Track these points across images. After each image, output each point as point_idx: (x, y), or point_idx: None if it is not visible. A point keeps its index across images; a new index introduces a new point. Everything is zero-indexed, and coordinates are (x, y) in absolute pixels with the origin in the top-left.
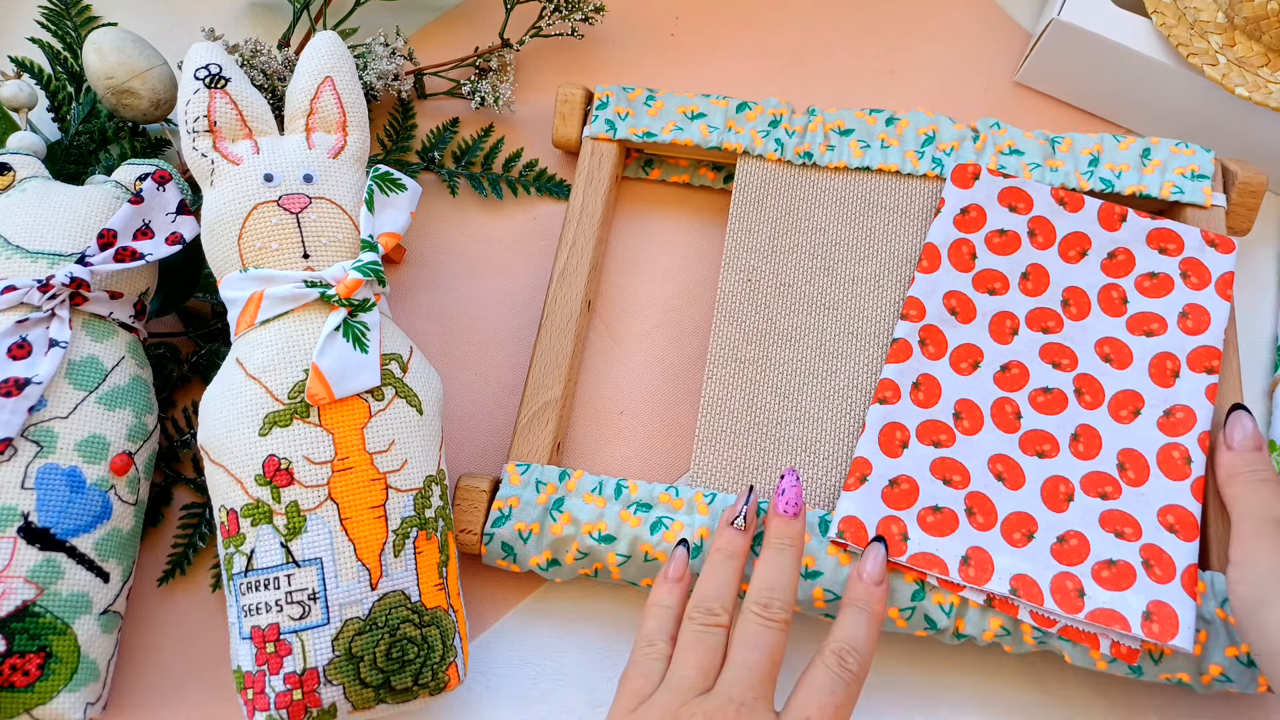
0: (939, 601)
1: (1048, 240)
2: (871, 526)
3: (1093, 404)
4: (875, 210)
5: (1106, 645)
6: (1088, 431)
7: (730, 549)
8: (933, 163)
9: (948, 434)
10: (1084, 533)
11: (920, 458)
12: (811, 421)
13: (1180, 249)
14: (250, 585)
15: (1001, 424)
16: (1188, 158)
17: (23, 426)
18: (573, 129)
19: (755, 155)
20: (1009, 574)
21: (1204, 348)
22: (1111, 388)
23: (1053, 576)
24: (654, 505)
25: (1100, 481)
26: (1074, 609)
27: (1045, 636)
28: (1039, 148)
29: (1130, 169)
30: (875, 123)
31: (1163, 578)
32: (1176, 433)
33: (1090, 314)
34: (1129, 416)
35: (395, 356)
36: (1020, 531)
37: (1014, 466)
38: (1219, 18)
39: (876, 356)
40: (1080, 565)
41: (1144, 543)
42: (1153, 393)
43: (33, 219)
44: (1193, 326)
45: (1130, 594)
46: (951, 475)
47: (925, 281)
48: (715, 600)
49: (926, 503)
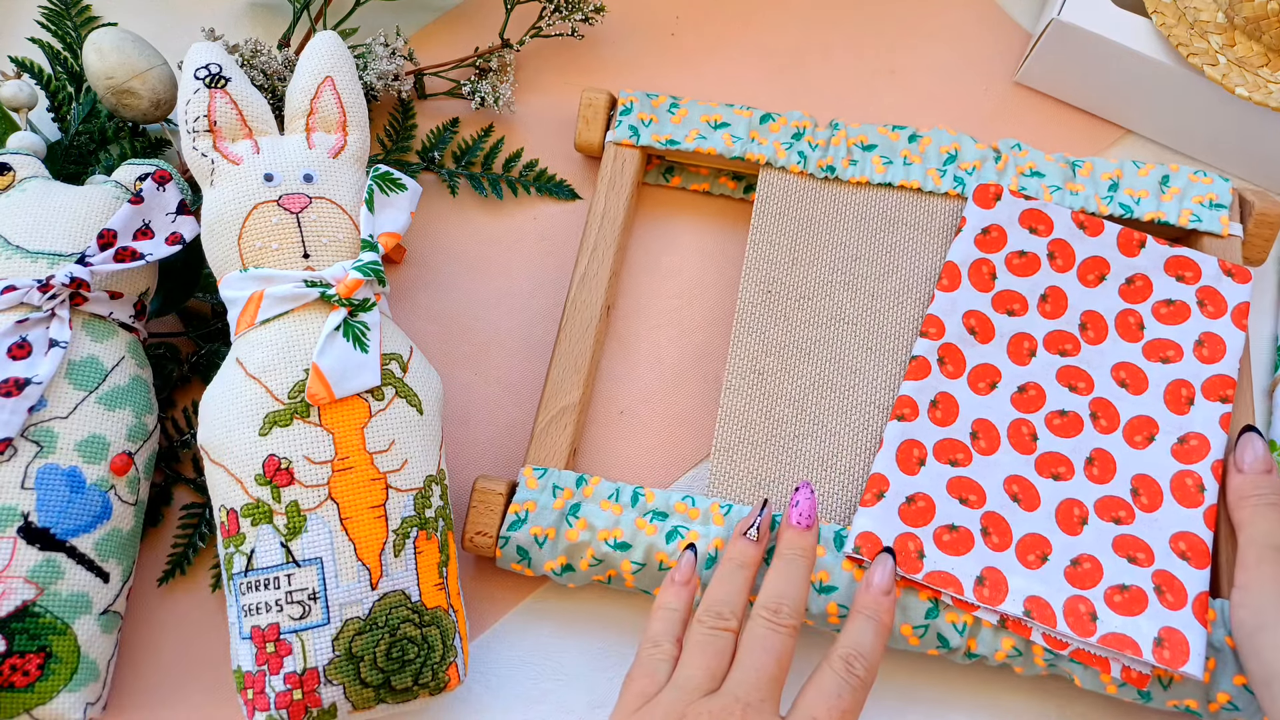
0: (952, 620)
1: (1067, 263)
2: (888, 543)
3: (1108, 428)
4: (896, 226)
5: (1117, 669)
6: (1102, 456)
7: (742, 558)
8: (954, 181)
9: (964, 453)
10: (1097, 556)
11: (937, 476)
12: (828, 436)
13: (1198, 277)
14: (250, 585)
15: (1018, 445)
16: (1206, 186)
17: (23, 426)
18: (595, 133)
19: (778, 167)
20: (1023, 595)
21: (1219, 376)
22: (1127, 413)
23: (1065, 599)
24: (670, 514)
25: (1114, 506)
26: (1086, 632)
27: (1056, 659)
28: (1060, 170)
29: (1149, 195)
30: (898, 139)
31: (1174, 604)
32: (1190, 460)
33: (1107, 338)
34: (1143, 442)
35: (395, 356)
36: (1035, 553)
37: (1029, 488)
38: (1219, 18)
39: (895, 373)
40: (1093, 589)
41: (1156, 568)
42: (1167, 419)
43: (33, 219)
44: (1208, 355)
45: (1142, 619)
46: (968, 495)
47: (945, 300)
48: (725, 605)
49: (943, 521)
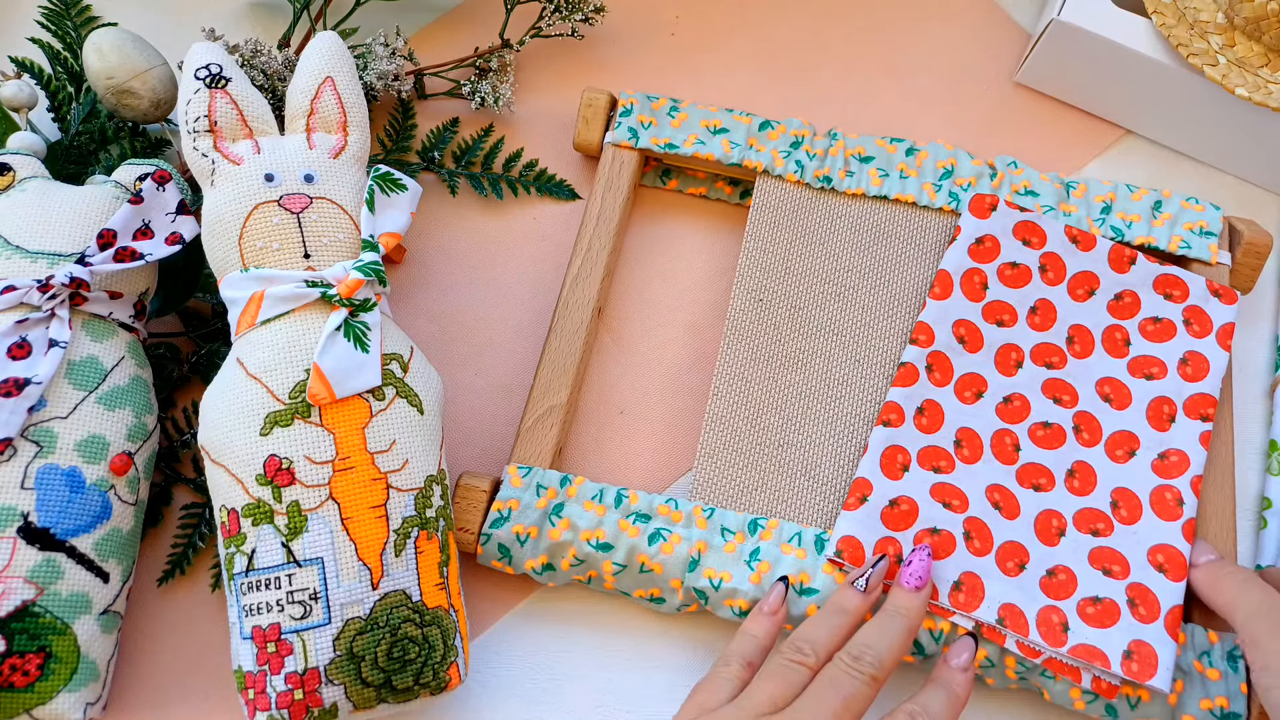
0: (929, 627)
1: (1058, 277)
2: (869, 546)
3: (1090, 442)
4: (889, 240)
5: (1088, 679)
6: (1084, 468)
7: (844, 604)
8: (949, 197)
9: (947, 460)
10: (1072, 568)
11: (920, 481)
12: (814, 445)
13: (1185, 296)
14: (251, 585)
15: (1000, 455)
16: (1197, 214)
17: (22, 426)
18: (595, 133)
19: (775, 175)
20: (998, 602)
21: (1201, 395)
22: (1109, 427)
23: (1039, 609)
24: (653, 516)
25: (1093, 518)
26: (1058, 642)
27: (1027, 671)
28: (1054, 191)
29: (1141, 219)
30: (895, 151)
31: (1146, 617)
32: (1170, 475)
33: (1094, 353)
34: (1124, 456)
35: (396, 356)
36: (1013, 560)
37: (1010, 497)
38: (1219, 18)
39: (882, 385)
40: (1066, 600)
41: (1131, 581)
42: (1148, 435)
43: (33, 219)
44: (1192, 374)
45: (1113, 631)
46: (951, 499)
47: (936, 308)
48: (808, 643)
49: (925, 524)
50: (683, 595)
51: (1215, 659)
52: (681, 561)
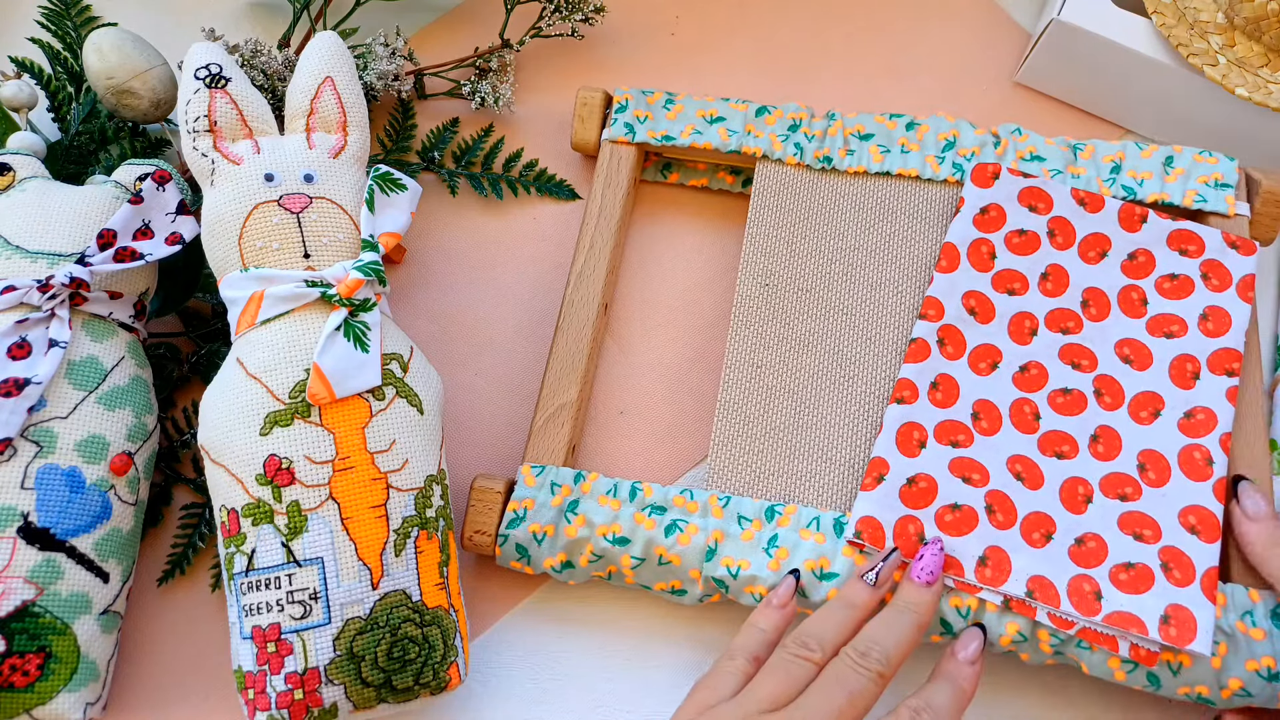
0: (956, 605)
1: (1067, 241)
2: (889, 526)
3: (1112, 405)
4: (894, 215)
5: (1125, 647)
6: (1107, 433)
7: (852, 598)
8: (953, 168)
9: (966, 434)
10: (1102, 535)
11: (938, 457)
12: (828, 427)
13: (1201, 250)
14: (251, 585)
15: (1020, 425)
16: (1211, 166)
17: (22, 426)
18: (591, 131)
19: (774, 159)
20: (1026, 575)
21: (1225, 350)
22: (1131, 389)
23: (1070, 579)
24: (668, 508)
25: (1120, 483)
26: (1091, 611)
27: (1062, 644)
28: (1060, 154)
29: (1153, 177)
30: (895, 127)
31: (1181, 580)
32: (1197, 434)
33: (1110, 315)
34: (1149, 418)
35: (396, 356)
36: (1039, 531)
37: (1033, 467)
38: (1219, 18)
39: (893, 362)
40: (1098, 568)
41: (1163, 545)
42: (1173, 394)
43: (33, 219)
44: (1213, 329)
45: (1148, 597)
46: (971, 474)
47: (944, 281)
48: (814, 638)
49: (945, 501)
50: (703, 586)
51: (1259, 618)
52: (699, 552)
